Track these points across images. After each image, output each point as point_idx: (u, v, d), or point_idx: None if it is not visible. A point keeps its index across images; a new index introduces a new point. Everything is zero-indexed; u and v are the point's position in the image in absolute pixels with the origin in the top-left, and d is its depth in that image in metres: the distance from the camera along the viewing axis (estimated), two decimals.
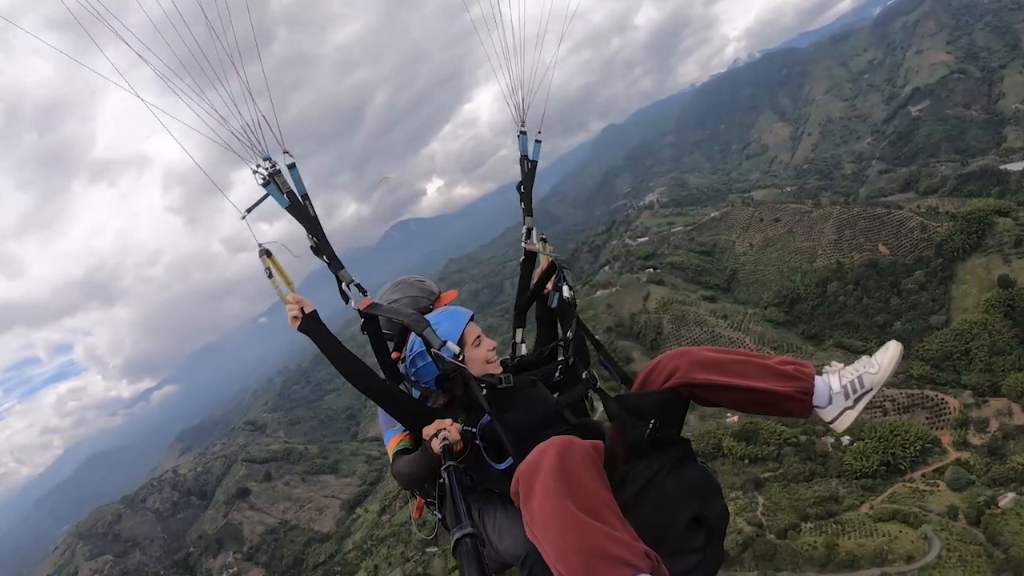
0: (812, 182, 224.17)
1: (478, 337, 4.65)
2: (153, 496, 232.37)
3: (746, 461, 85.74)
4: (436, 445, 3.83)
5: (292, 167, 4.40)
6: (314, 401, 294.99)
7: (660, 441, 3.94)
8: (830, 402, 4.02)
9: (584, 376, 4.67)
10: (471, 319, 4.75)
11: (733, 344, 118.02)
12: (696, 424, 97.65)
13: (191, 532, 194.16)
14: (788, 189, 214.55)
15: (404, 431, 4.58)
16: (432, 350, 4.28)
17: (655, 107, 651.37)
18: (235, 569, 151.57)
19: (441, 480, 3.76)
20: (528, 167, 5.78)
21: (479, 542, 2.53)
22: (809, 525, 73.39)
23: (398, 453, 4.52)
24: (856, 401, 4.00)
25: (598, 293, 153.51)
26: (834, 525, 72.07)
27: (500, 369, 4.63)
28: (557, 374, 4.81)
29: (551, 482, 3.07)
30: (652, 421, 3.91)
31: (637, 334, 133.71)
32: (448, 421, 4.00)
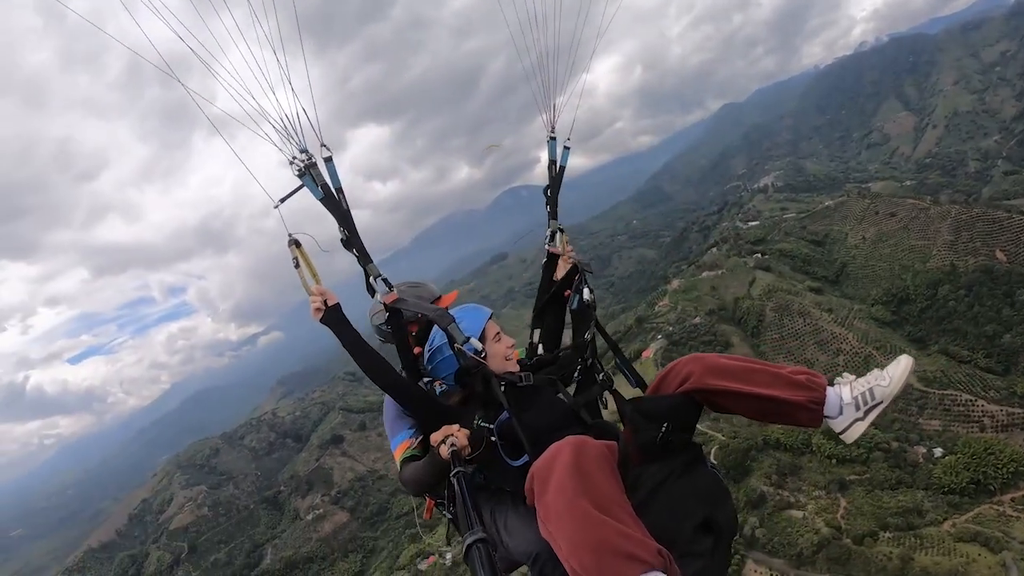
0: (933, 177, 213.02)
1: (497, 334, 4.81)
2: (251, 435, 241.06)
3: (833, 461, 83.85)
4: (444, 451, 3.90)
5: (329, 160, 4.51)
6: None
7: (672, 445, 4.04)
8: (841, 413, 4.07)
9: (601, 378, 4.84)
10: (491, 317, 4.90)
11: (835, 339, 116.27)
12: None
13: (283, 472, 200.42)
14: (907, 183, 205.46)
15: (410, 437, 4.71)
16: (456, 345, 4.36)
17: (776, 88, 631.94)
18: (321, 511, 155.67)
19: (450, 484, 3.81)
20: (556, 172, 5.95)
21: (491, 547, 2.54)
22: (887, 535, 71.21)
23: (406, 460, 4.64)
24: (867, 413, 4.05)
25: (704, 274, 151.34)
26: (913, 538, 69.98)
27: (518, 367, 4.73)
28: (576, 374, 4.97)
29: (566, 479, 3.18)
30: (665, 425, 4.02)
31: (739, 319, 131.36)
32: (456, 427, 4.03)
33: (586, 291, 5.12)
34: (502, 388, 4.30)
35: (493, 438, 4.16)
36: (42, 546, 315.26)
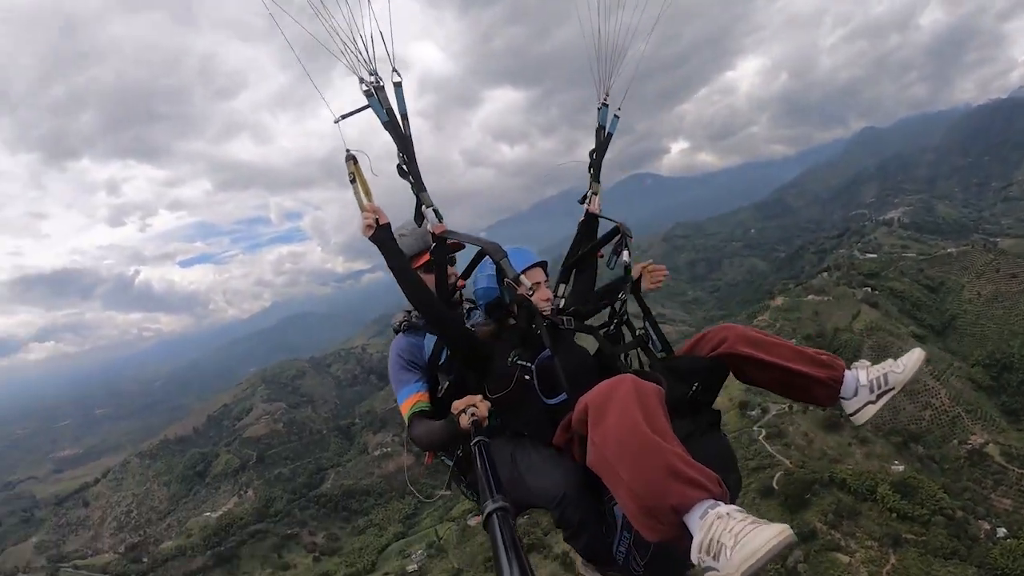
0: None
1: (538, 283, 4.86)
2: (338, 364, 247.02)
3: (894, 515, 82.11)
4: (465, 420, 4.05)
5: (398, 86, 4.60)
6: None
7: (698, 405, 4.23)
8: (855, 394, 4.28)
9: (636, 334, 4.94)
10: (538, 265, 5.07)
11: (926, 392, 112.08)
12: (861, 460, 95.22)
13: (361, 405, 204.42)
14: None
15: (419, 391, 4.85)
16: (507, 279, 4.48)
17: (922, 119, 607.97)
18: (389, 449, 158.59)
19: (470, 449, 3.85)
20: (603, 137, 6.01)
21: (510, 515, 2.54)
22: None
23: (416, 415, 4.73)
24: (879, 397, 4.24)
25: (809, 297, 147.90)
26: None
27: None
28: (612, 328, 5.11)
29: (629, 406, 3.28)
30: (696, 384, 4.22)
31: (835, 350, 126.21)
32: (478, 398, 4.23)
33: (626, 254, 5.28)
34: (545, 326, 4.44)
35: (528, 377, 4.31)
36: (122, 427, 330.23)
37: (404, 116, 4.62)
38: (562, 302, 5.47)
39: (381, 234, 4.40)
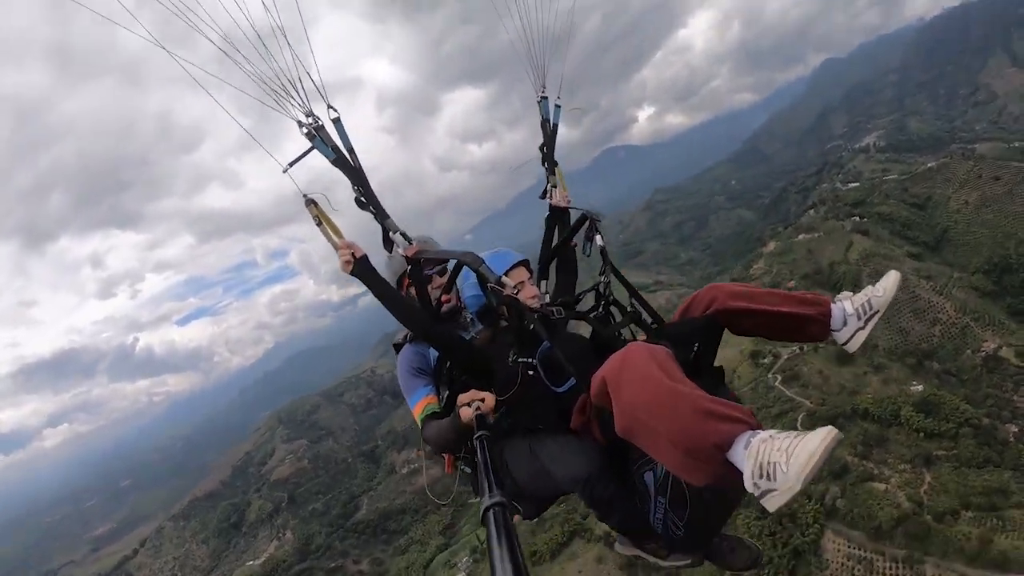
0: None
1: (521, 282, 4.97)
2: (350, 392, 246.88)
3: (921, 435, 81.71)
4: (467, 413, 4.04)
5: (337, 121, 4.59)
6: None
7: (700, 366, 4.35)
8: (845, 324, 4.40)
9: (628, 311, 4.96)
10: (520, 264, 5.17)
11: (932, 308, 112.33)
12: (879, 387, 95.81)
13: (381, 427, 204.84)
14: (1016, 144, 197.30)
15: (428, 395, 4.90)
16: (489, 284, 4.51)
17: (879, 42, 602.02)
18: (416, 465, 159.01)
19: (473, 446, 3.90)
20: (550, 129, 6.12)
21: (507, 511, 2.48)
22: (969, 514, 68.64)
23: (428, 417, 4.77)
24: (866, 322, 4.39)
25: (800, 237, 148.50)
26: (995, 520, 67.06)
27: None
28: (600, 310, 5.12)
29: (647, 365, 3.37)
30: (696, 345, 4.41)
31: (834, 284, 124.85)
32: (485, 393, 4.19)
33: (598, 238, 5.44)
34: (537, 319, 4.55)
35: (531, 372, 4.46)
36: (149, 496, 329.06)
37: (350, 150, 4.65)
38: (547, 298, 5.60)
39: (360, 267, 4.53)
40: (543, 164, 6.13)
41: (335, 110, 4.53)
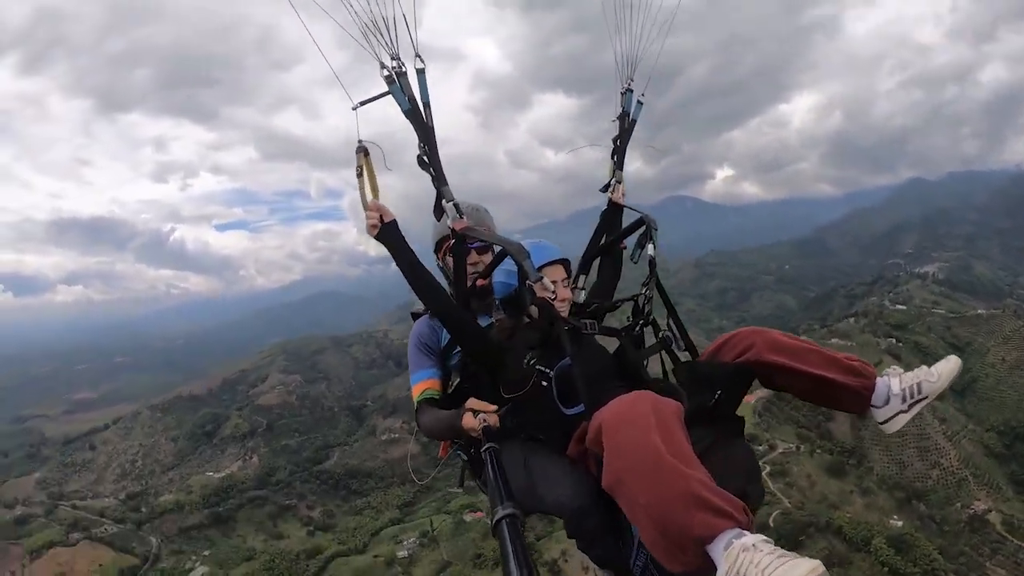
0: None
1: (555, 282, 4.67)
2: (358, 346, 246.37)
3: (886, 569, 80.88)
4: (471, 422, 3.97)
5: (421, 72, 4.36)
6: None
7: (721, 413, 4.05)
8: (887, 402, 4.14)
9: (660, 336, 4.70)
10: (558, 262, 4.86)
11: (937, 451, 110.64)
12: (861, 509, 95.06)
13: (375, 389, 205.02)
14: None
15: (431, 378, 4.73)
16: (528, 281, 4.16)
17: (970, 176, 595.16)
18: (396, 435, 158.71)
19: (481, 453, 3.79)
20: (627, 124, 5.86)
21: (520, 522, 2.48)
22: None
23: (424, 401, 4.64)
24: (911, 406, 4.11)
25: (832, 340, 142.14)
26: None
27: (567, 315, 4.64)
28: (637, 329, 4.76)
29: (648, 428, 3.08)
30: (719, 392, 4.02)
31: None
32: (492, 407, 4.11)
33: (650, 247, 5.11)
34: (567, 331, 4.24)
35: (545, 383, 4.10)
36: (138, 379, 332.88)
37: (427, 105, 4.42)
38: (583, 295, 5.40)
39: (387, 232, 4.35)
40: (612, 157, 5.88)
41: (422, 60, 4.30)
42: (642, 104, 5.87)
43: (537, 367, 4.13)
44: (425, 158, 4.48)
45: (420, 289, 4.39)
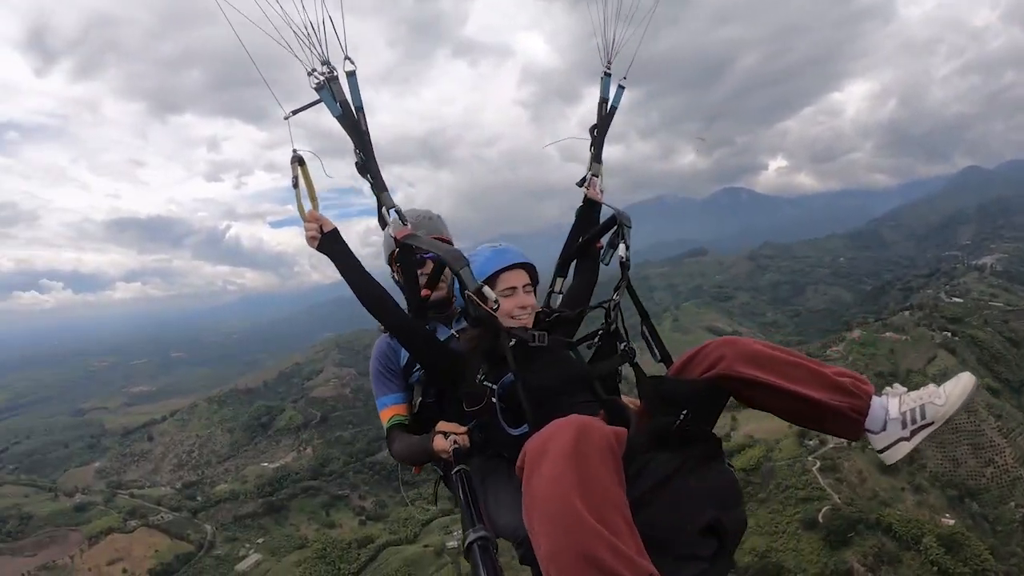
0: None
1: (513, 288, 4.28)
2: None
3: (936, 568, 79.18)
4: (442, 444, 3.85)
5: (352, 75, 4.14)
6: None
7: (688, 435, 3.52)
8: (884, 428, 3.55)
9: (623, 347, 4.33)
10: (515, 267, 4.35)
11: (992, 448, 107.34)
12: (912, 507, 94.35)
13: None
14: None
15: (397, 403, 4.62)
16: (466, 292, 3.91)
17: None
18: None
19: (453, 473, 3.73)
20: (606, 111, 5.39)
21: (493, 545, 2.41)
22: None
23: (394, 427, 4.54)
24: (913, 433, 3.51)
25: (887, 334, 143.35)
26: None
27: (530, 324, 4.26)
28: (596, 339, 4.51)
29: (562, 468, 2.75)
30: (684, 412, 3.51)
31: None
32: (462, 428, 3.96)
33: (622, 247, 4.67)
34: (512, 345, 3.87)
35: (495, 400, 3.85)
36: (195, 373, 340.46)
37: (359, 108, 4.21)
38: (559, 299, 5.08)
39: (328, 242, 4.13)
40: (590, 148, 5.40)
41: (352, 63, 4.12)
42: (623, 89, 5.46)
43: (486, 383, 3.92)
44: (362, 164, 4.27)
45: (367, 301, 4.13)
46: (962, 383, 3.51)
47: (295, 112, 4.07)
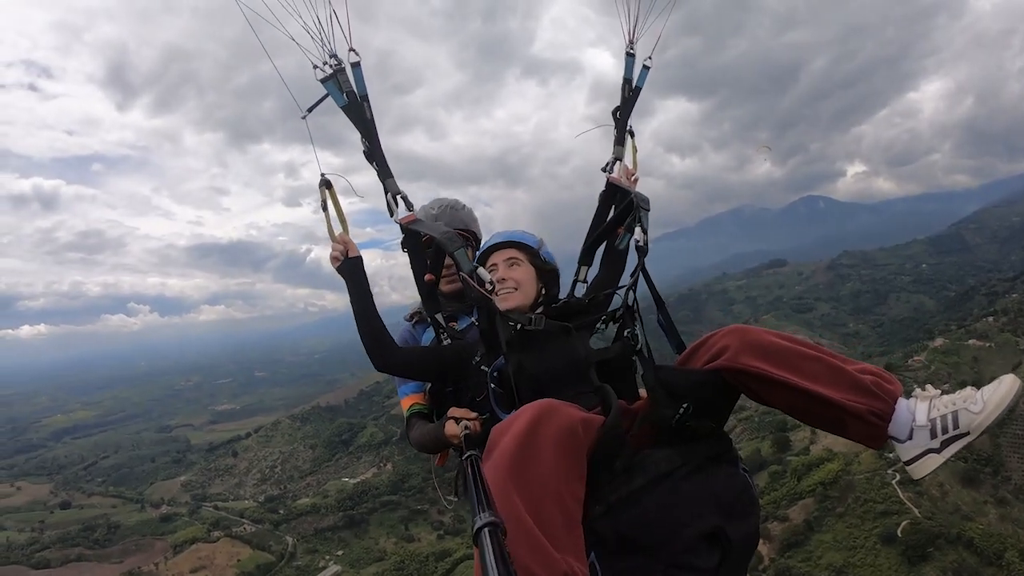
0: None
1: (495, 266, 4.28)
2: None
3: None
4: (453, 429, 3.65)
5: (356, 66, 4.11)
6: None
7: (690, 431, 3.22)
8: (910, 437, 3.05)
9: (625, 334, 3.94)
10: (500, 246, 4.37)
11: None
12: (995, 521, 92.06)
13: None
14: None
15: (416, 392, 4.65)
16: (461, 273, 3.83)
17: None
18: None
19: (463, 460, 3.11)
20: (630, 93, 5.10)
21: (501, 531, 2.07)
22: None
23: (413, 416, 4.56)
24: (944, 445, 3.00)
25: (970, 341, 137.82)
26: None
27: (519, 302, 4.12)
28: (601, 324, 4.16)
29: (509, 452, 2.58)
30: (684, 405, 3.18)
31: None
32: (473, 415, 3.72)
33: (638, 231, 4.19)
34: (511, 329, 3.78)
35: (492, 384, 3.77)
36: (277, 392, 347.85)
37: (364, 98, 4.21)
38: (583, 287, 4.72)
39: (348, 267, 4.12)
40: (614, 130, 5.14)
41: (356, 53, 4.09)
42: (648, 69, 5.12)
43: (482, 367, 3.89)
44: (368, 153, 4.29)
45: (364, 331, 4.08)
46: (1004, 387, 2.99)
47: (310, 110, 4.16)
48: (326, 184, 4.09)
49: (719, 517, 2.98)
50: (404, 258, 4.35)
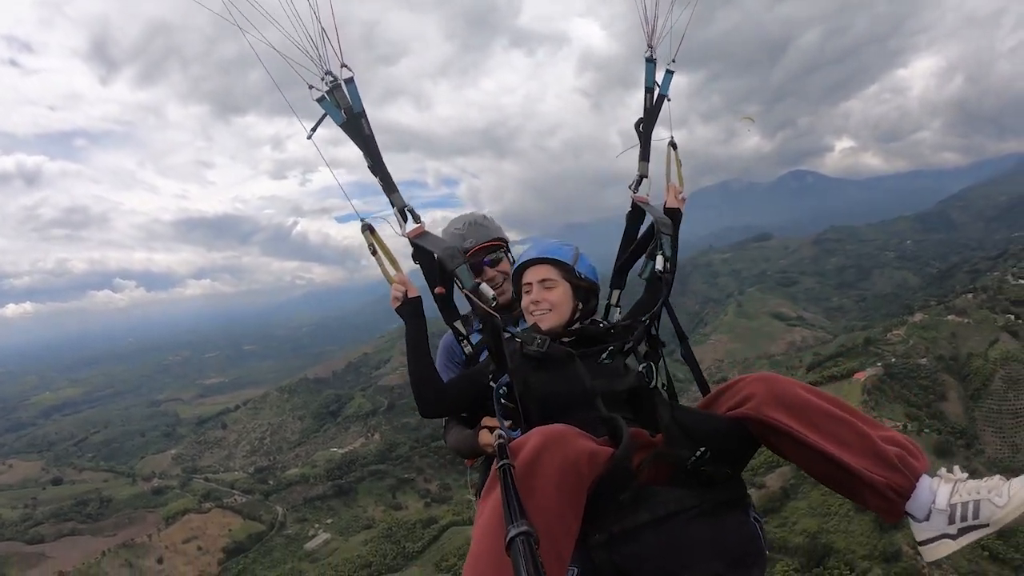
0: None
1: (528, 285, 4.05)
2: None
3: (987, 554, 75.26)
4: (488, 439, 3.70)
5: (350, 82, 3.97)
6: None
7: (705, 476, 3.00)
8: (927, 518, 2.79)
9: (640, 370, 3.72)
10: (534, 263, 4.09)
11: None
12: None
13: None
14: None
15: None
16: (464, 290, 3.66)
17: None
18: None
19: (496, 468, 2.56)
20: (653, 102, 4.83)
21: (533, 540, 1.96)
22: None
23: (452, 419, 4.42)
24: (961, 532, 2.73)
25: (949, 317, 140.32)
26: None
27: (552, 323, 3.91)
28: (605, 357, 3.73)
29: (494, 504, 2.40)
30: (702, 449, 2.97)
31: (964, 375, 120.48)
32: (508, 423, 3.48)
33: (659, 258, 4.20)
34: (518, 349, 3.70)
35: (503, 401, 3.53)
36: (265, 365, 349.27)
37: (360, 114, 4.08)
38: (617, 312, 4.60)
39: (407, 308, 4.09)
40: (638, 144, 4.89)
41: (349, 69, 3.97)
42: (672, 74, 4.89)
43: (491, 383, 3.70)
44: (372, 168, 4.14)
45: (415, 374, 3.99)
46: None
47: (313, 130, 4.09)
48: (369, 229, 4.07)
49: (722, 565, 2.85)
50: (391, 230, 4.15)
